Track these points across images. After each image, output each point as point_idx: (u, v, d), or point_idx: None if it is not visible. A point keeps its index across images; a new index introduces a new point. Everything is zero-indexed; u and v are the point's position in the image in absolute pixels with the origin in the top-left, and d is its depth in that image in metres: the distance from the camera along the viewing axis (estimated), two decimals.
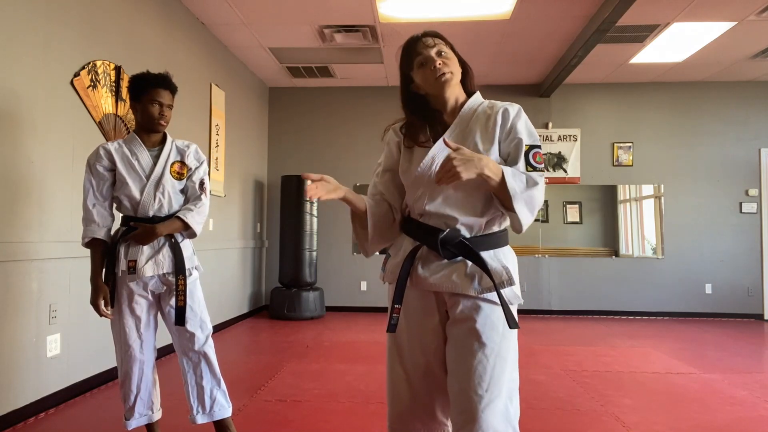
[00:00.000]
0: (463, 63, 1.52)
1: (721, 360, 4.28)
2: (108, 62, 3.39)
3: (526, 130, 1.44)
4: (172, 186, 2.22)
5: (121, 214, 2.26)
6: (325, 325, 5.73)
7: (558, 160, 6.64)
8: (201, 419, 2.26)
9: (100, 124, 3.31)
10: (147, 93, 2.17)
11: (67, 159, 3.04)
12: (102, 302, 2.13)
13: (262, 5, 4.50)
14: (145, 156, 2.21)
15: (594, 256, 6.68)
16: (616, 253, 6.73)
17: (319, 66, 6.06)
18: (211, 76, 5.13)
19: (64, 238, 2.98)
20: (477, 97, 1.53)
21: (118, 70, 3.48)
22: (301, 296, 6.06)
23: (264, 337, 5.17)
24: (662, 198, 6.59)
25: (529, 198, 1.35)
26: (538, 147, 1.43)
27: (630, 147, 6.64)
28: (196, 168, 2.31)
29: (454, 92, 1.49)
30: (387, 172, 1.60)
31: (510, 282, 1.39)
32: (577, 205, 6.82)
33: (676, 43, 5.25)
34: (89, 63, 3.21)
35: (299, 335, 5.16)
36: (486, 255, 1.40)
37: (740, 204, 6.46)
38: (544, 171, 1.43)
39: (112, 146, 2.22)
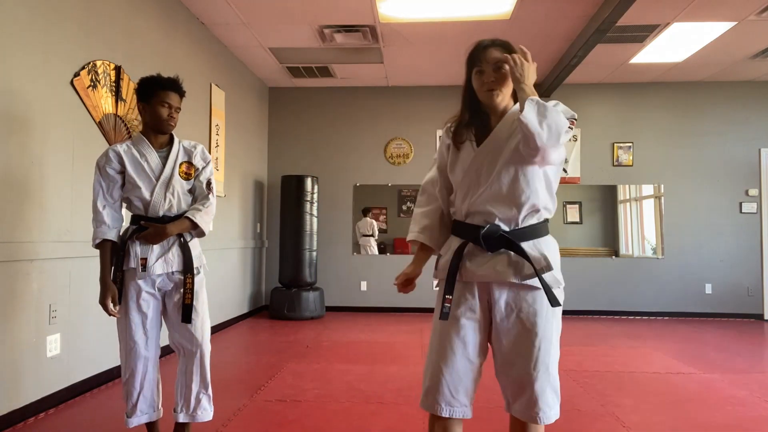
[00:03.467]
0: None
1: (721, 360, 4.28)
2: (108, 62, 3.39)
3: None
4: (181, 186, 2.26)
5: (130, 213, 2.28)
6: (325, 325, 5.73)
7: None
8: (182, 418, 2.29)
9: (100, 124, 3.31)
10: (157, 95, 2.19)
11: (67, 159, 3.04)
12: (110, 301, 2.15)
13: (262, 5, 4.50)
14: (153, 157, 2.24)
15: (594, 256, 6.68)
16: (616, 253, 6.74)
17: (319, 66, 6.06)
18: (211, 76, 5.13)
19: (64, 238, 2.98)
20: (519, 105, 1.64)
21: (118, 70, 3.48)
22: (301, 296, 6.06)
23: (264, 337, 5.17)
24: (662, 198, 6.59)
25: (545, 112, 1.43)
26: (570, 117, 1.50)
27: (630, 147, 6.64)
28: (203, 168, 2.34)
29: (502, 102, 1.60)
30: (440, 173, 1.74)
31: (548, 267, 1.52)
32: (577, 205, 6.82)
33: (676, 43, 5.25)
34: (89, 63, 3.21)
35: (299, 335, 5.16)
36: (526, 245, 1.53)
37: (740, 204, 6.46)
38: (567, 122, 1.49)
39: (121, 148, 2.23)
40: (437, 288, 1.66)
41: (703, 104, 6.57)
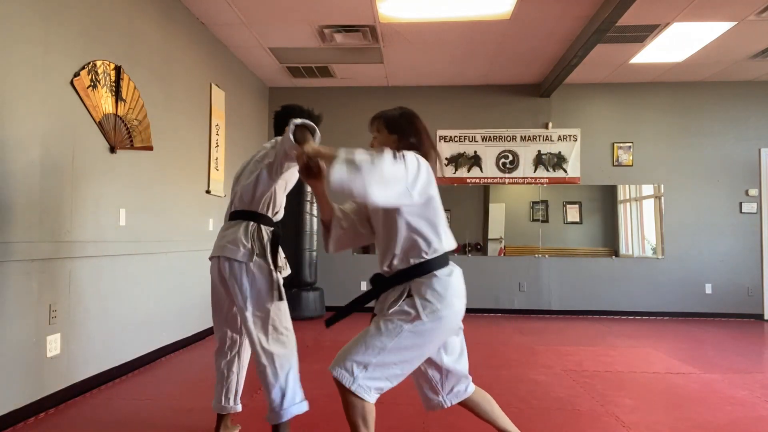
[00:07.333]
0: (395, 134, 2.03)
1: (721, 360, 4.28)
2: (108, 62, 3.39)
3: None
4: None
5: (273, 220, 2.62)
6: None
7: (558, 160, 6.64)
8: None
9: (100, 124, 3.31)
10: None
11: (67, 159, 3.04)
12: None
13: (262, 5, 4.50)
14: None
15: (594, 256, 6.68)
16: (616, 253, 6.73)
17: (319, 66, 6.06)
18: (211, 76, 5.13)
19: (64, 238, 2.98)
20: None
21: (118, 70, 3.48)
22: (301, 296, 6.06)
23: None
24: (662, 198, 6.58)
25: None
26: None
27: (630, 147, 6.64)
28: None
29: None
30: None
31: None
32: (577, 205, 6.82)
33: (676, 43, 5.25)
34: (89, 63, 3.21)
35: (299, 335, 5.11)
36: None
37: (740, 204, 6.46)
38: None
39: None
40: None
41: (703, 104, 6.57)
